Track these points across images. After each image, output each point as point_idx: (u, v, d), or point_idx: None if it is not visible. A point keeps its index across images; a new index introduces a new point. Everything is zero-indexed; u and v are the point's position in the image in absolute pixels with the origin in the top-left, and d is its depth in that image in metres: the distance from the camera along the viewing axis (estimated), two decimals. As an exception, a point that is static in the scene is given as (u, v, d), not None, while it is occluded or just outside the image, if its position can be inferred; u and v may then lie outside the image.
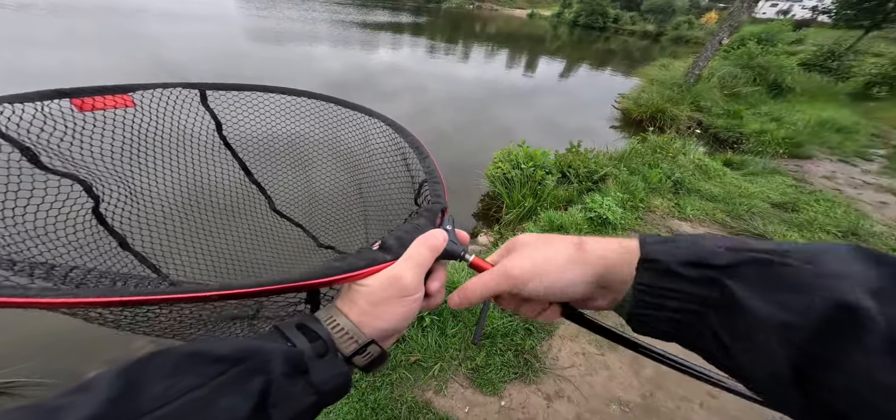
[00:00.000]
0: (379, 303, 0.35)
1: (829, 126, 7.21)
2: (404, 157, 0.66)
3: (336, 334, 0.34)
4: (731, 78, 9.97)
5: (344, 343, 0.34)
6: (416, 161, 0.60)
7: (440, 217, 0.46)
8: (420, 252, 0.37)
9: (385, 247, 0.37)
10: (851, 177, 5.26)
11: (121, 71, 8.80)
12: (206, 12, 21.70)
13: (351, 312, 0.34)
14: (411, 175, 0.63)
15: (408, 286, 0.36)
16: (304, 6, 31.66)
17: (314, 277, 0.33)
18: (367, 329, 0.34)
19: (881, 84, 10.28)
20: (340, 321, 0.34)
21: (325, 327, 0.33)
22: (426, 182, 0.54)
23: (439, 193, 0.50)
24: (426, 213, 0.45)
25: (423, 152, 0.60)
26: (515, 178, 3.94)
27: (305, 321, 0.33)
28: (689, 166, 4.62)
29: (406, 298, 0.36)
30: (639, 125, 7.88)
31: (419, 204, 0.57)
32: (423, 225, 0.41)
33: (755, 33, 13.96)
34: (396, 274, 0.35)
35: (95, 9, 19.15)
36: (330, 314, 0.35)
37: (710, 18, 41.79)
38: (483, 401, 1.87)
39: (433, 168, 0.55)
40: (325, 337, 0.33)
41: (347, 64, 12.48)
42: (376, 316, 0.34)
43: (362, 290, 0.35)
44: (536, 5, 76.38)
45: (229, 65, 10.70)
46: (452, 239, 0.42)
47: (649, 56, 19.94)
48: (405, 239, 0.38)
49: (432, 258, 0.38)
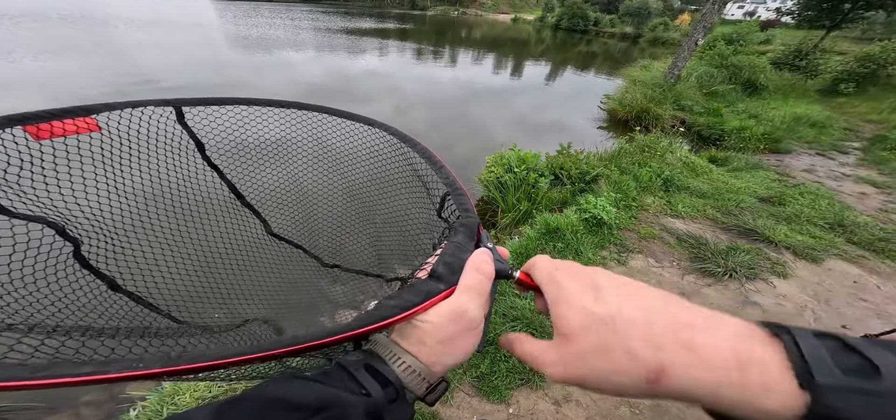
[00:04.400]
0: (448, 340, 0.33)
1: (804, 121, 7.54)
2: (413, 167, 0.62)
3: (406, 376, 0.32)
4: (708, 77, 10.32)
5: (415, 384, 0.32)
6: (428, 171, 0.57)
7: (477, 233, 0.43)
8: (479, 280, 0.35)
9: (436, 275, 0.35)
10: (830, 169, 5.47)
11: (94, 82, 8.47)
12: (183, 19, 21.23)
13: (421, 353, 0.32)
14: (426, 187, 0.59)
15: (474, 318, 0.34)
16: (288, 14, 31.33)
17: (374, 320, 0.31)
18: (438, 367, 0.33)
19: (847, 80, 10.81)
20: (409, 362, 0.32)
21: (393, 369, 0.32)
22: (449, 194, 0.51)
23: (467, 206, 0.47)
24: (462, 229, 0.42)
25: (436, 162, 0.56)
26: (509, 181, 3.93)
27: (373, 363, 0.32)
28: (677, 164, 4.72)
29: (473, 331, 0.34)
30: (625, 125, 8.05)
31: (445, 218, 0.54)
32: (463, 243, 0.40)
33: (726, 34, 14.53)
34: (462, 308, 0.33)
35: (68, 16, 18.49)
36: (393, 352, 0.33)
37: (683, 20, 43.38)
38: (490, 409, 1.83)
39: (452, 178, 0.53)
40: (395, 381, 0.31)
41: (330, 71, 12.38)
42: (446, 354, 0.33)
43: (428, 327, 0.33)
44: (519, 10, 77.82)
45: (208, 74, 10.45)
46: (497, 258, 0.40)
47: (630, 57, 20.51)
48: (455, 264, 0.36)
49: (489, 284, 0.37)
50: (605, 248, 3.08)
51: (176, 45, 14.62)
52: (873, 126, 8.08)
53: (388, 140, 0.66)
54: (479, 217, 0.45)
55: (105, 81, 8.58)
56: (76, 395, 2.04)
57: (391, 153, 0.67)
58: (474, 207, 0.47)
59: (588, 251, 2.95)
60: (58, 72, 9.05)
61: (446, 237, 0.48)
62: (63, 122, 0.45)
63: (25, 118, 0.42)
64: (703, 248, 3.08)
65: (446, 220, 0.53)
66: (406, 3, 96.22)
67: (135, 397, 1.90)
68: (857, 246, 3.28)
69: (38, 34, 13.98)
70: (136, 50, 12.87)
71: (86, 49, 12.18)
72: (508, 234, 3.51)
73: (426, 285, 0.34)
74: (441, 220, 0.55)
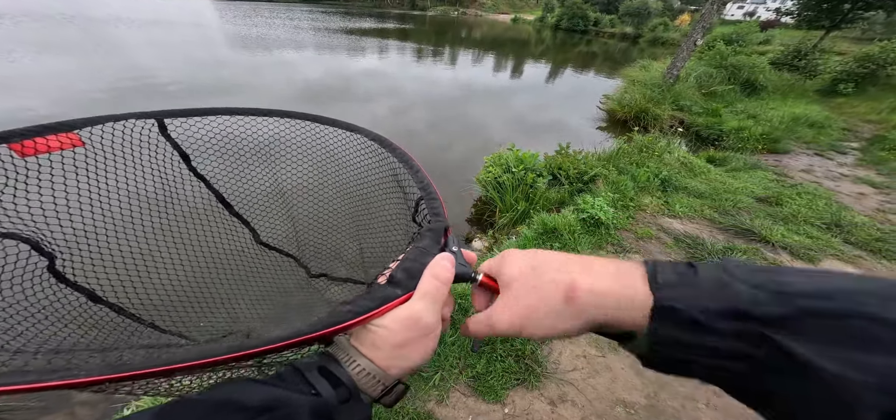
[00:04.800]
0: (402, 345, 0.34)
1: (802, 121, 7.53)
2: (394, 173, 0.63)
3: (360, 378, 0.33)
4: (707, 77, 10.32)
5: (369, 386, 0.33)
6: (407, 176, 0.57)
7: (444, 237, 0.43)
8: (436, 286, 0.36)
9: (394, 281, 0.36)
10: (828, 169, 5.47)
11: (94, 82, 8.47)
12: (183, 19, 21.21)
13: (376, 357, 0.33)
14: (404, 191, 0.60)
15: (428, 325, 0.35)
16: (288, 13, 31.31)
17: (329, 325, 0.32)
18: (393, 371, 0.34)
19: (847, 81, 10.80)
20: (364, 364, 0.33)
21: (346, 371, 0.32)
22: (423, 199, 0.51)
23: (438, 210, 0.48)
24: (429, 233, 0.43)
25: (413, 166, 0.57)
26: (507, 181, 3.94)
27: (326, 364, 0.33)
28: (675, 164, 4.72)
29: (428, 336, 0.35)
30: (624, 125, 8.05)
31: (418, 222, 0.54)
32: (428, 247, 0.40)
33: (726, 34, 14.51)
34: (416, 315, 0.34)
35: (68, 16, 18.50)
36: (349, 355, 0.33)
37: (683, 20, 43.37)
38: (486, 409, 1.83)
39: (427, 183, 0.53)
40: (348, 382, 0.32)
41: (330, 71, 12.37)
42: (401, 357, 0.34)
43: (382, 332, 0.34)
44: (519, 10, 77.79)
45: (206, 74, 10.44)
46: (461, 262, 0.41)
47: (629, 57, 20.50)
48: (414, 269, 0.37)
49: (447, 290, 0.37)
50: (602, 248, 3.08)
51: (175, 45, 14.63)
52: (872, 126, 8.08)
53: (369, 145, 0.66)
54: (448, 221, 0.45)
55: (105, 81, 8.57)
56: (71, 395, 2.04)
57: (373, 159, 0.67)
58: (446, 211, 0.48)
59: (585, 251, 2.95)
60: (58, 72, 9.05)
61: (414, 241, 0.48)
62: (46, 138, 0.45)
63: (9, 136, 0.43)
64: (700, 248, 3.09)
65: (419, 224, 0.54)
66: (406, 4, 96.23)
67: (129, 398, 1.90)
68: (853, 246, 3.29)
69: (38, 34, 13.99)
70: (136, 50, 12.88)
71: (86, 49, 12.19)
72: (506, 235, 3.52)
73: (383, 291, 0.35)
74: (415, 224, 0.55)
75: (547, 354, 2.09)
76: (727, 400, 1.83)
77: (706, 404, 1.85)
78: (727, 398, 1.23)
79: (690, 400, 1.87)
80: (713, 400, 1.87)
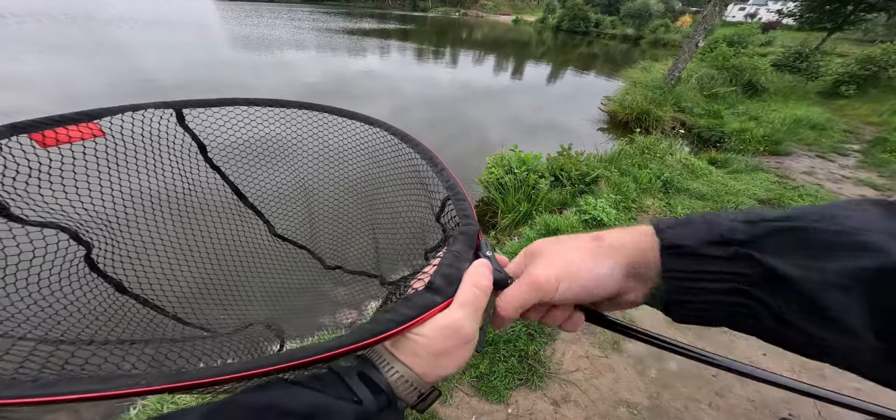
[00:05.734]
0: (442, 354, 0.34)
1: (804, 123, 7.52)
2: (414, 168, 0.62)
3: (398, 385, 0.33)
4: (709, 79, 10.31)
5: (406, 393, 0.33)
6: (430, 174, 0.56)
7: (476, 241, 0.42)
8: (475, 295, 0.36)
9: (433, 288, 0.35)
10: (830, 172, 5.46)
11: (97, 81, 8.51)
12: (185, 20, 21.24)
13: (414, 365, 0.33)
14: (426, 189, 0.58)
15: (468, 334, 0.35)
16: (289, 14, 31.37)
17: (370, 335, 0.31)
18: (430, 378, 0.34)
19: (848, 83, 10.79)
20: (402, 371, 0.33)
21: (385, 378, 0.32)
22: (450, 199, 0.50)
23: (467, 212, 0.46)
24: (462, 237, 0.42)
25: (438, 164, 0.55)
26: (509, 183, 3.94)
27: (366, 370, 0.33)
28: (677, 166, 4.72)
29: (467, 345, 0.35)
30: (625, 126, 8.05)
31: (443, 223, 0.53)
32: (462, 252, 0.39)
33: (727, 36, 14.50)
34: (457, 325, 0.34)
35: (71, 16, 18.55)
36: (387, 362, 0.33)
37: (684, 21, 43.34)
38: (490, 409, 1.84)
39: (454, 182, 0.51)
40: (387, 389, 0.32)
41: (330, 71, 12.39)
42: (439, 366, 0.34)
43: (422, 340, 0.33)
44: (520, 11, 77.83)
45: (208, 74, 10.47)
46: (496, 267, 0.40)
47: (630, 59, 20.49)
48: (452, 276, 0.36)
49: (486, 298, 0.37)
50: (604, 249, 3.09)
51: (177, 45, 14.67)
52: (874, 128, 8.07)
53: (389, 140, 0.65)
54: (479, 223, 0.44)
55: (107, 81, 8.61)
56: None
57: (391, 153, 0.66)
58: (475, 212, 0.46)
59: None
60: (62, 72, 9.09)
61: (445, 244, 0.47)
62: (67, 128, 0.45)
63: (31, 126, 0.43)
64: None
65: (444, 226, 0.53)
66: (407, 5, 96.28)
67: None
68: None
69: (43, 34, 14.04)
70: (138, 50, 12.92)
71: (88, 49, 12.23)
72: (508, 236, 3.52)
73: (422, 298, 0.34)
74: (439, 225, 0.54)
75: (550, 355, 2.09)
76: (730, 400, 1.85)
77: (708, 405, 1.86)
78: (729, 398, 1.25)
79: (693, 400, 1.88)
80: (716, 401, 1.87)
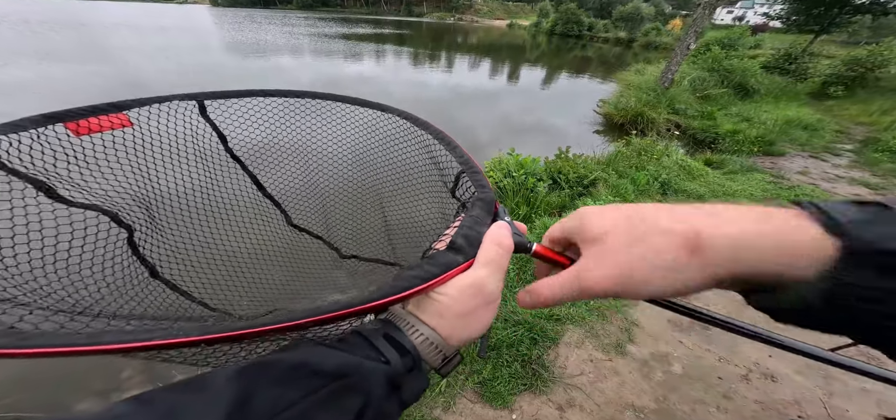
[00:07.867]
0: (466, 314, 0.32)
1: (796, 124, 7.63)
2: (427, 150, 0.63)
3: (423, 347, 0.32)
4: (701, 81, 10.44)
5: (431, 355, 0.32)
6: (442, 153, 0.57)
7: (494, 208, 0.42)
8: (498, 253, 0.35)
9: (455, 247, 0.35)
10: (824, 171, 5.52)
11: (89, 89, 8.41)
12: (183, 26, 21.17)
13: (439, 326, 0.32)
14: (439, 168, 0.59)
15: (492, 292, 0.34)
16: (285, 19, 31.41)
17: (395, 291, 0.31)
18: (454, 340, 0.33)
19: (836, 83, 10.99)
20: (427, 333, 0.32)
21: (410, 339, 0.31)
22: (464, 172, 0.51)
23: (483, 182, 0.47)
24: (480, 203, 0.42)
25: (451, 143, 0.56)
26: (507, 186, 3.94)
27: (391, 332, 0.32)
28: (674, 167, 4.75)
29: (491, 305, 0.34)
30: (621, 129, 8.11)
31: (458, 197, 0.54)
32: (480, 217, 0.39)
33: (718, 39, 14.74)
34: (481, 282, 0.33)
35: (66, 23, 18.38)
36: (411, 323, 0.32)
37: (675, 24, 44.06)
38: (493, 415, 1.81)
39: (467, 157, 0.52)
40: (412, 351, 0.31)
41: (321, 75, 12.38)
42: (464, 327, 0.33)
43: (446, 301, 0.32)
44: (515, 16, 78.61)
45: (208, 78, 10.43)
46: (516, 232, 0.39)
47: (624, 61, 20.73)
48: (472, 237, 0.36)
49: (508, 258, 0.36)
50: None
51: (174, 51, 14.61)
52: (864, 128, 8.20)
53: (402, 125, 0.67)
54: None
55: (100, 88, 8.52)
56: (69, 403, 2.07)
57: (405, 138, 0.68)
58: (490, 185, 0.47)
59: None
60: (61, 77, 8.99)
61: (463, 211, 0.47)
62: (99, 118, 0.48)
63: (65, 115, 0.45)
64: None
65: (460, 199, 0.53)
66: (403, 10, 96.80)
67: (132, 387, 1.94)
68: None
69: (41, 41, 13.90)
70: (133, 56, 12.83)
71: (86, 56, 12.14)
72: (508, 239, 3.51)
73: (445, 257, 0.33)
74: (455, 199, 0.55)
75: (553, 359, 2.07)
76: (737, 403, 1.84)
77: (716, 408, 1.84)
78: (737, 400, 1.24)
79: (701, 403, 1.86)
80: (723, 403, 1.86)
